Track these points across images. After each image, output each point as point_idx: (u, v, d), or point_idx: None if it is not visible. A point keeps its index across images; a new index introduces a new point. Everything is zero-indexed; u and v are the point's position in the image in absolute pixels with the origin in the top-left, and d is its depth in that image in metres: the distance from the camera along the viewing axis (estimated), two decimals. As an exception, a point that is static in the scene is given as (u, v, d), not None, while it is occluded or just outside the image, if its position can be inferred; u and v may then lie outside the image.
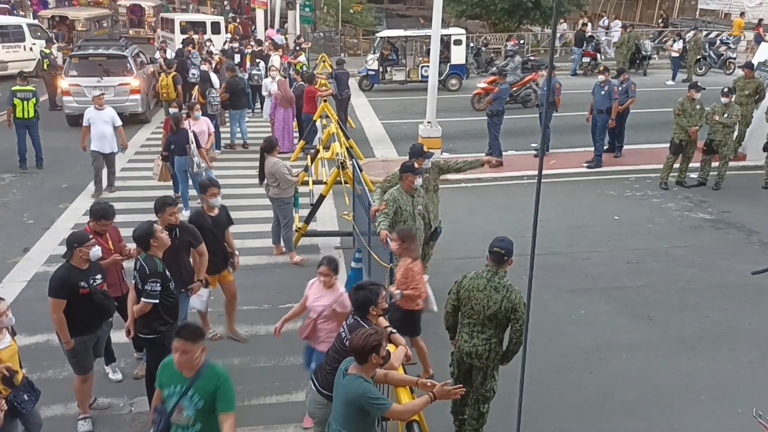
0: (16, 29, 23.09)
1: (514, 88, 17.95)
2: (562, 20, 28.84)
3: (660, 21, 33.23)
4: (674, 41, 23.51)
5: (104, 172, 11.84)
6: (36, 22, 25.17)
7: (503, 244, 5.37)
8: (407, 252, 6.08)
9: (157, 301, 5.51)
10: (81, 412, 6.02)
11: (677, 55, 22.89)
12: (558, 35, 26.62)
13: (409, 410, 4.26)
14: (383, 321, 5.01)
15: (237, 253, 7.37)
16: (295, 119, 14.96)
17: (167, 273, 5.64)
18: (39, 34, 23.54)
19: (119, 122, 11.59)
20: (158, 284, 5.48)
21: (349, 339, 4.47)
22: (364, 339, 4.13)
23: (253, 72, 18.09)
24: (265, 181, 9.11)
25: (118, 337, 6.70)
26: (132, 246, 6.31)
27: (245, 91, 15.15)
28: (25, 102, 12.82)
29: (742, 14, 27.42)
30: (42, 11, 31.71)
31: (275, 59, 18.53)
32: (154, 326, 5.60)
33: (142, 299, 5.49)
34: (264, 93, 15.94)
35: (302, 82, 15.21)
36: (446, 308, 5.66)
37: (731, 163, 12.61)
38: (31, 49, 22.56)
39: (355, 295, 4.88)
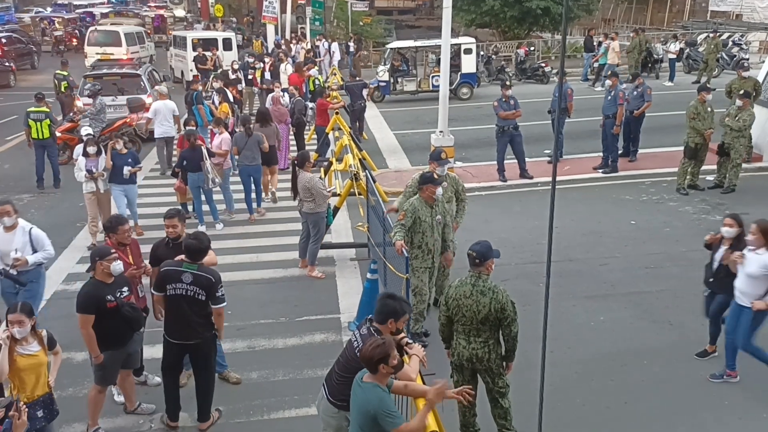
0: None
1: (104, 134, 13.94)
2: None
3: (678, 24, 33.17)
4: (672, 43, 23.63)
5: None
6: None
7: (476, 248, 5.42)
8: None
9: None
10: (91, 424, 6.04)
11: (674, 56, 23.02)
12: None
13: (417, 427, 4.22)
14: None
15: None
16: (295, 134, 15.01)
17: None
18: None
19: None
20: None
21: (359, 349, 4.46)
22: (371, 351, 4.17)
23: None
24: (299, 197, 9.03)
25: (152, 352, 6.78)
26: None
27: None
28: (39, 123, 12.96)
29: None
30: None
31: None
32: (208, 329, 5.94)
33: (218, 306, 5.80)
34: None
35: (300, 98, 15.31)
36: (440, 320, 5.68)
37: (748, 165, 12.48)
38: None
39: (384, 301, 4.78)
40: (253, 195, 11.52)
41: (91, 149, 10.10)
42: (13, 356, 4.96)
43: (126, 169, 10.18)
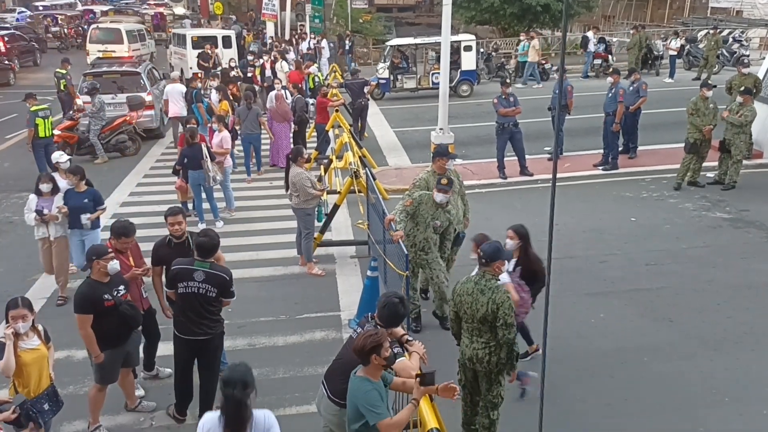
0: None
1: (104, 133, 14.82)
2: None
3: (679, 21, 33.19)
4: (672, 40, 23.69)
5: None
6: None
7: (485, 247, 5.42)
8: None
9: None
10: (92, 422, 6.05)
11: (675, 53, 23.05)
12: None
13: (398, 423, 4.19)
14: (399, 330, 4.97)
15: None
16: (296, 132, 14.96)
17: None
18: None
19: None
20: None
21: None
22: (363, 340, 4.17)
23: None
24: (289, 191, 9.10)
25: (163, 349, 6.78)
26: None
27: None
28: (46, 120, 13.01)
29: None
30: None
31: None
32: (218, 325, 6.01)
33: (228, 299, 5.93)
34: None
35: (299, 95, 15.26)
36: (450, 316, 5.71)
37: (748, 162, 12.45)
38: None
39: (398, 307, 4.73)
40: (253, 160, 13.85)
41: (45, 186, 8.04)
42: (16, 352, 4.97)
43: (84, 218, 8.18)
